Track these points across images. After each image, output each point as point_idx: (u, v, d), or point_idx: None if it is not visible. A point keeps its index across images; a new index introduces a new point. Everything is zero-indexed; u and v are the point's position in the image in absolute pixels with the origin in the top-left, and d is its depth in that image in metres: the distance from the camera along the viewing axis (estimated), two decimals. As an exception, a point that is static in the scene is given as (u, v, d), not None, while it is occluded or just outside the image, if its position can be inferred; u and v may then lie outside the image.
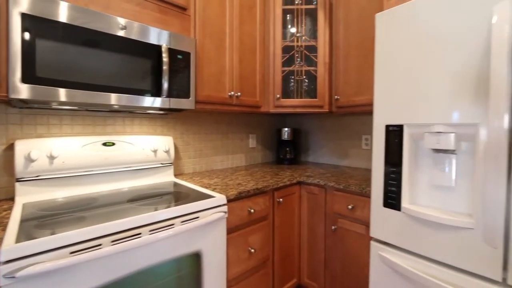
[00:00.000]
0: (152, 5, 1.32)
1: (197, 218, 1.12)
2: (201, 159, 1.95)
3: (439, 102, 0.98)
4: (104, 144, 1.37)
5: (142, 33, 1.21)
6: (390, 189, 1.13)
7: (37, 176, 1.19)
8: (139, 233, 0.95)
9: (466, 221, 0.91)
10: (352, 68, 1.77)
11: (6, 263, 0.70)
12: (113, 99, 1.14)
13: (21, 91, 0.93)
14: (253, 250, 1.42)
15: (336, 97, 1.85)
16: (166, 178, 1.62)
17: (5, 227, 0.86)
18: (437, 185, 1.03)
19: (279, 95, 1.92)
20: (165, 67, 1.25)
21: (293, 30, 1.99)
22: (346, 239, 1.51)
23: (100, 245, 0.86)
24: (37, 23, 0.95)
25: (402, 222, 1.09)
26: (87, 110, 1.40)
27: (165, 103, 1.31)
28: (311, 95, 1.98)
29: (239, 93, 1.75)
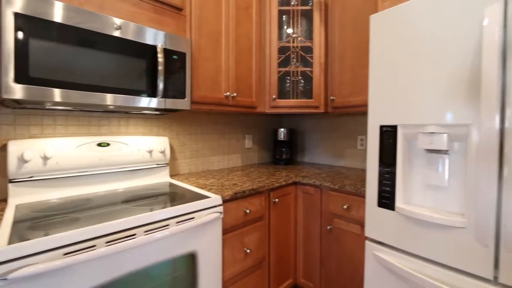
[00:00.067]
0: (147, 5, 1.32)
1: (193, 218, 1.12)
2: (197, 159, 1.94)
3: (432, 103, 0.99)
4: (99, 144, 1.36)
5: (137, 34, 1.21)
6: (384, 189, 1.14)
7: (30, 177, 1.18)
8: (134, 234, 0.95)
9: (458, 220, 0.92)
10: (347, 68, 1.78)
11: (-2, 265, 0.70)
12: (109, 99, 1.13)
13: (14, 91, 0.92)
14: (249, 250, 1.42)
15: (331, 97, 1.86)
16: (161, 178, 1.62)
17: (-2, 229, 0.85)
18: (430, 185, 1.04)
19: (275, 96, 1.92)
20: (161, 68, 1.24)
21: (289, 31, 1.99)
22: (341, 239, 1.51)
23: (94, 246, 0.85)
24: (31, 23, 0.94)
25: (396, 221, 1.10)
26: (82, 110, 1.39)
27: (160, 103, 1.30)
28: (307, 96, 1.99)
29: (235, 94, 1.75)
